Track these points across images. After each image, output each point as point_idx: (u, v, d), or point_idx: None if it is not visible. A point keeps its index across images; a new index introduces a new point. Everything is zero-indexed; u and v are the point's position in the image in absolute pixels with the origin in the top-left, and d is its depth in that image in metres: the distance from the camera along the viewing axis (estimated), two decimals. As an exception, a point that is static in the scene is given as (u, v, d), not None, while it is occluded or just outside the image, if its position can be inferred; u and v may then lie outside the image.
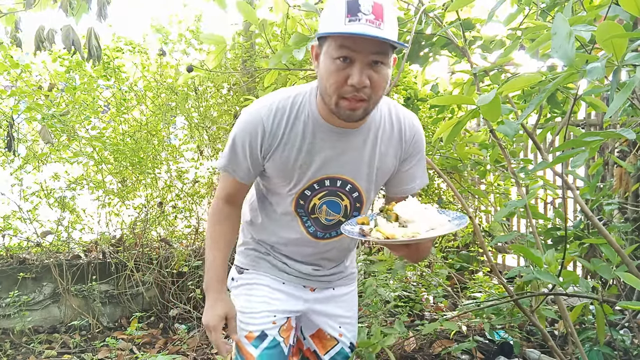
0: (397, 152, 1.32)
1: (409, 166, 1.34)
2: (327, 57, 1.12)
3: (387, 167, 1.32)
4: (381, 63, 1.10)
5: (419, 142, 1.34)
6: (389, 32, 1.07)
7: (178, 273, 3.39)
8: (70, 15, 2.37)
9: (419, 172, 1.37)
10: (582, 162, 1.15)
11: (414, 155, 1.34)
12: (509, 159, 1.88)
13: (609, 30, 0.90)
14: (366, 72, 1.09)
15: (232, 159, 1.32)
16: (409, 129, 1.32)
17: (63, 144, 3.23)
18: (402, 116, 1.33)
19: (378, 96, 1.15)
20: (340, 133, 1.26)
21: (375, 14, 1.06)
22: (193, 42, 3.37)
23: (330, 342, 1.49)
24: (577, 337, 1.74)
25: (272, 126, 1.25)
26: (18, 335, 3.06)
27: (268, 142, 1.26)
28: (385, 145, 1.30)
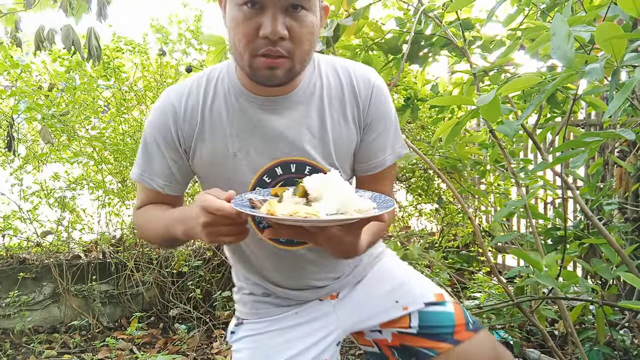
0: (353, 116, 1.05)
1: (375, 134, 1.07)
2: (232, 4, 0.89)
3: (346, 137, 1.06)
4: (302, 7, 0.87)
5: (381, 101, 1.06)
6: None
7: (178, 273, 3.39)
8: (70, 15, 2.37)
9: (388, 141, 1.09)
10: (582, 163, 1.15)
11: (379, 120, 1.07)
12: (508, 159, 1.88)
13: (608, 30, 0.90)
14: (282, 19, 0.86)
15: (146, 164, 1.06)
16: (363, 86, 1.05)
17: (63, 144, 3.23)
18: (353, 71, 1.06)
19: (303, 51, 0.91)
20: (273, 103, 1.01)
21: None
22: (193, 42, 3.37)
23: (403, 321, 1.20)
24: (577, 337, 1.74)
25: (184, 110, 1.02)
26: (18, 335, 3.07)
27: (184, 130, 1.02)
28: (337, 110, 1.04)
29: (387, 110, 1.09)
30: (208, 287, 3.45)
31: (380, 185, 1.11)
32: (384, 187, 1.12)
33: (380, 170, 1.10)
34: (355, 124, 1.06)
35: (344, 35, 2.09)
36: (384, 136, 1.09)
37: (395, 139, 1.11)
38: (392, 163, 1.11)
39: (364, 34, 2.32)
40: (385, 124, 1.09)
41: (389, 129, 1.09)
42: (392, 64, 2.29)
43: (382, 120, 1.08)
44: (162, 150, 1.05)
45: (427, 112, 3.69)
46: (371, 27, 2.23)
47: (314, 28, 0.91)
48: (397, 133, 1.12)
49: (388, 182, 1.15)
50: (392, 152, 1.10)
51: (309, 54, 0.94)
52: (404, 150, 1.13)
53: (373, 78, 1.07)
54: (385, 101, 1.08)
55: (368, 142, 1.08)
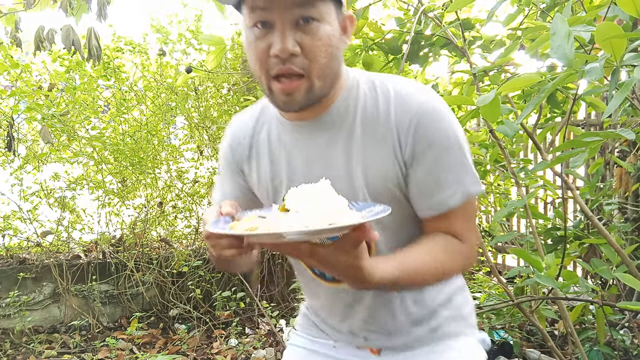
0: (391, 145, 0.88)
1: (424, 167, 0.88)
2: (245, 27, 0.85)
3: (380, 169, 0.89)
4: (312, 19, 0.80)
5: (429, 127, 0.86)
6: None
7: (178, 273, 3.39)
8: (70, 15, 2.37)
9: (447, 176, 0.88)
10: (582, 162, 1.15)
11: (426, 151, 0.87)
12: (508, 159, 1.88)
13: (608, 30, 0.90)
14: (292, 35, 0.80)
15: (220, 187, 1.09)
16: (401, 113, 0.88)
17: (63, 144, 3.23)
18: (394, 90, 0.90)
19: (320, 66, 0.83)
20: (301, 128, 0.94)
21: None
22: (193, 42, 3.37)
23: None
24: (577, 337, 1.74)
25: (239, 135, 1.04)
26: (18, 335, 3.07)
27: (238, 154, 1.04)
28: (371, 137, 0.90)
29: (441, 138, 0.87)
30: (208, 287, 3.45)
31: (445, 223, 0.91)
32: (451, 225, 0.92)
33: (444, 211, 0.89)
34: (395, 154, 0.89)
35: (344, 35, 2.09)
36: (439, 171, 0.88)
37: (461, 172, 0.89)
38: (458, 203, 0.88)
39: (364, 34, 2.32)
40: (438, 156, 0.87)
41: (447, 161, 0.88)
42: (392, 64, 2.29)
43: (431, 150, 0.87)
44: (228, 173, 1.07)
45: (427, 112, 3.68)
46: (371, 27, 2.23)
47: (331, 40, 0.83)
48: (464, 166, 0.89)
49: (458, 220, 0.92)
50: (457, 191, 0.88)
51: (329, 68, 0.85)
52: (477, 187, 0.90)
53: (418, 99, 0.88)
54: (437, 127, 0.87)
55: (418, 178, 0.89)
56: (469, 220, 0.93)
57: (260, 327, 3.25)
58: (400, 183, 0.90)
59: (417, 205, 0.92)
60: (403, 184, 0.90)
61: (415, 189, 0.90)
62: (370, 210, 0.78)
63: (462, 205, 0.90)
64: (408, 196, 0.92)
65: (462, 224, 0.92)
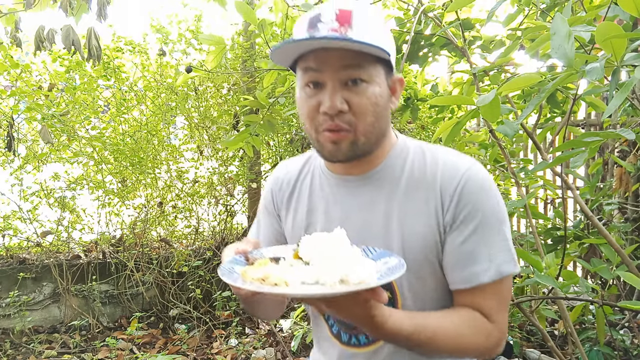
0: (434, 209, 0.90)
1: (463, 237, 0.88)
2: (298, 88, 0.92)
3: (419, 234, 0.90)
4: (360, 80, 0.85)
5: (471, 199, 0.88)
6: (360, 35, 0.83)
7: (178, 273, 3.39)
8: (70, 15, 2.36)
9: (483, 250, 0.88)
10: (582, 162, 1.15)
11: (466, 219, 0.88)
12: (508, 159, 1.88)
13: (608, 30, 0.90)
14: (340, 94, 0.85)
15: (257, 230, 1.13)
16: (449, 178, 0.90)
17: (63, 144, 3.23)
18: (442, 160, 0.93)
19: (366, 123, 0.87)
20: (346, 183, 0.98)
21: (340, 20, 0.84)
22: (193, 42, 3.37)
23: None
24: (577, 337, 1.74)
25: (283, 181, 1.08)
26: (18, 335, 3.07)
27: (278, 198, 1.08)
28: (414, 202, 0.91)
29: (483, 208, 0.89)
30: (208, 287, 3.45)
31: (475, 299, 0.90)
32: (481, 302, 0.90)
33: (475, 285, 0.88)
34: (437, 218, 0.90)
35: (344, 35, 2.09)
36: (476, 242, 0.88)
37: (498, 248, 0.89)
38: (489, 280, 0.87)
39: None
40: (477, 226, 0.88)
41: (485, 233, 0.88)
42: (392, 64, 2.29)
43: (471, 221, 0.88)
44: (265, 215, 1.11)
45: (427, 112, 3.69)
46: (371, 27, 2.22)
47: (377, 99, 0.87)
48: (502, 242, 0.89)
49: (489, 297, 0.90)
50: (491, 267, 0.88)
51: (375, 127, 0.89)
52: (510, 268, 0.89)
53: (464, 170, 0.90)
54: (479, 200, 0.89)
55: (454, 246, 0.89)
56: (501, 301, 0.91)
57: (260, 327, 3.25)
58: (437, 251, 0.91)
59: (449, 276, 0.91)
60: (440, 252, 0.91)
61: (449, 257, 0.90)
62: (386, 262, 0.77)
63: (494, 283, 0.89)
64: (442, 266, 0.92)
65: (493, 302, 0.90)
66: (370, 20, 0.86)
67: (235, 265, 0.79)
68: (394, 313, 0.81)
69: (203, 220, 3.68)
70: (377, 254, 0.82)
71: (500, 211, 0.91)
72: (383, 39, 0.87)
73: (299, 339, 2.74)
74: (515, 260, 0.91)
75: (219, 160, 3.61)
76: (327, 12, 0.85)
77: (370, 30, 0.85)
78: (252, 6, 2.23)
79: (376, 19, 0.88)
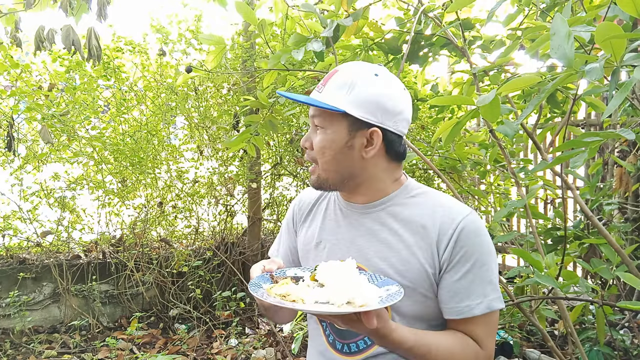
0: (428, 249, 1.02)
1: (458, 276, 1.01)
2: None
3: (415, 265, 1.02)
4: (319, 126, 1.06)
5: (466, 244, 1.00)
6: (326, 96, 1.03)
7: (178, 273, 3.39)
8: (70, 15, 2.36)
9: (476, 288, 1.00)
10: (582, 163, 1.15)
11: (461, 260, 1.00)
12: (508, 159, 1.88)
13: (608, 30, 0.90)
14: (311, 134, 1.08)
15: (277, 245, 1.31)
16: (448, 221, 1.02)
17: (63, 144, 3.23)
18: (443, 204, 1.06)
19: (323, 161, 1.05)
20: (352, 208, 1.13)
21: (324, 81, 1.06)
22: (193, 42, 3.37)
23: None
24: (577, 337, 1.74)
25: (305, 201, 1.26)
26: (18, 335, 3.07)
27: (298, 216, 1.26)
28: (411, 235, 1.04)
29: (479, 253, 1.01)
30: (208, 287, 3.45)
31: (468, 327, 1.02)
32: (473, 330, 1.02)
33: (468, 317, 1.01)
34: (432, 258, 1.02)
35: (344, 35, 2.09)
36: (470, 280, 1.00)
37: (488, 287, 1.01)
38: (480, 313, 1.00)
39: (363, 34, 2.32)
40: (472, 267, 1.00)
41: (477, 274, 1.01)
42: (392, 64, 2.29)
43: (466, 262, 1.00)
44: (286, 231, 1.28)
45: (427, 112, 3.69)
46: (371, 27, 2.23)
47: (327, 144, 1.04)
48: (491, 283, 1.02)
49: (480, 326, 1.02)
50: (483, 301, 1.00)
51: (331, 166, 1.05)
52: (499, 304, 1.02)
53: (462, 217, 1.02)
54: (476, 242, 1.01)
55: (449, 283, 1.01)
56: (490, 330, 1.04)
57: (260, 327, 3.25)
58: (431, 285, 1.03)
59: (444, 308, 1.04)
60: (434, 286, 1.03)
61: (444, 292, 1.02)
62: (388, 289, 0.92)
63: (484, 315, 1.01)
64: (437, 298, 1.04)
65: (484, 331, 1.03)
66: (342, 79, 1.03)
67: (262, 283, 0.96)
68: (399, 327, 0.93)
69: (203, 220, 3.68)
70: (382, 282, 0.97)
71: (491, 254, 1.04)
72: (347, 100, 1.01)
73: (299, 341, 2.74)
74: (501, 298, 1.04)
75: (219, 160, 3.61)
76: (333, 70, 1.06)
77: (336, 92, 1.02)
78: (252, 6, 2.23)
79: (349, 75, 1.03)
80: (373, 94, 1.02)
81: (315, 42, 1.84)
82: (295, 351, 2.78)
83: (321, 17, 1.94)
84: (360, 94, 1.01)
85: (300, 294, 0.90)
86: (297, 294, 0.89)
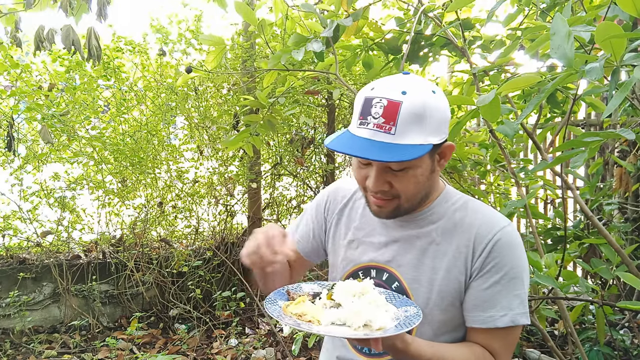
0: (462, 255, 1.02)
1: (487, 285, 1.00)
2: None
3: (446, 272, 1.02)
4: (402, 169, 0.95)
5: (499, 255, 0.99)
6: (403, 137, 0.89)
7: (178, 273, 3.39)
8: (70, 15, 2.36)
9: (502, 298, 0.99)
10: (582, 163, 1.15)
11: (492, 270, 0.99)
12: (508, 159, 1.88)
13: (607, 30, 0.90)
14: (384, 177, 0.97)
15: (299, 221, 1.28)
16: (485, 229, 1.01)
17: (63, 144, 3.23)
18: (482, 212, 1.04)
19: (409, 194, 0.99)
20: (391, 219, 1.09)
21: (386, 116, 0.90)
22: (193, 42, 3.37)
23: None
24: (577, 337, 1.74)
25: (340, 193, 1.20)
26: (18, 335, 3.07)
27: (331, 205, 1.20)
28: (447, 243, 1.04)
29: (511, 265, 1.00)
30: (208, 287, 3.45)
31: (487, 339, 1.02)
32: (492, 342, 1.02)
33: (491, 327, 0.99)
34: (464, 265, 1.02)
35: (344, 35, 2.09)
36: (498, 291, 0.99)
37: (515, 301, 1.00)
38: (503, 325, 0.99)
39: (363, 34, 2.32)
40: (501, 279, 0.99)
41: (506, 286, 0.99)
42: (392, 64, 2.29)
43: (497, 272, 0.99)
44: (311, 213, 1.24)
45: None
46: (371, 27, 2.23)
47: (418, 178, 0.97)
48: (519, 297, 1.00)
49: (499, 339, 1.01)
50: (506, 315, 0.99)
51: (418, 195, 1.00)
52: (525, 319, 1.00)
53: (500, 227, 1.01)
54: (510, 254, 1.00)
55: (477, 291, 1.01)
56: (509, 345, 1.04)
57: (260, 327, 3.25)
58: (459, 291, 1.02)
59: (468, 315, 1.03)
60: (462, 292, 1.03)
61: (471, 298, 1.02)
62: (406, 311, 0.93)
63: (507, 328, 1.00)
64: (462, 305, 1.04)
65: (502, 345, 1.02)
66: (415, 117, 0.90)
67: (279, 299, 0.98)
68: (416, 340, 0.95)
69: (203, 220, 3.68)
70: (400, 301, 0.98)
71: (524, 269, 1.02)
72: (427, 132, 0.92)
73: (300, 342, 2.74)
74: (527, 314, 1.01)
75: (219, 160, 3.61)
76: (378, 102, 0.91)
77: (412, 128, 0.90)
78: (252, 6, 2.24)
79: (419, 108, 0.91)
80: (441, 115, 0.95)
81: (315, 42, 1.84)
82: (295, 352, 2.78)
83: (321, 17, 1.94)
84: (434, 120, 0.93)
85: (316, 314, 0.89)
86: (314, 314, 0.89)
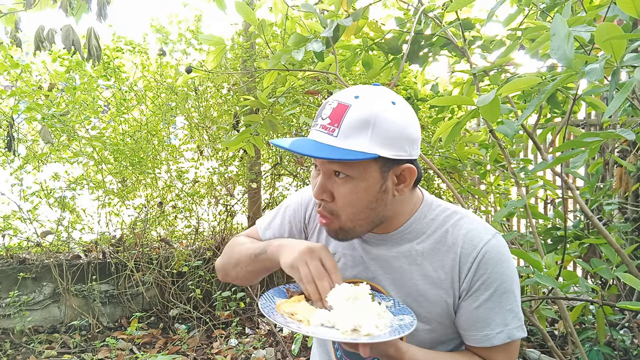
0: (448, 276, 0.97)
1: (478, 304, 0.95)
2: None
3: (432, 293, 0.98)
4: (344, 174, 0.89)
5: (486, 270, 0.94)
6: (345, 141, 0.85)
7: (178, 273, 3.39)
8: (70, 15, 2.36)
9: (496, 316, 0.95)
10: (582, 163, 1.15)
11: (481, 288, 0.95)
12: (508, 159, 1.88)
13: (608, 31, 0.90)
14: (328, 183, 0.92)
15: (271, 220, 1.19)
16: (469, 246, 0.96)
17: (63, 144, 3.23)
18: (465, 228, 0.98)
19: (350, 212, 0.92)
20: (368, 236, 1.05)
21: (332, 118, 0.87)
22: (193, 42, 3.37)
23: None
24: (577, 337, 1.74)
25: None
26: (18, 335, 3.07)
27: (314, 214, 1.12)
28: (430, 262, 0.98)
29: (500, 281, 0.95)
30: (208, 287, 3.45)
31: (486, 354, 0.99)
32: (491, 357, 0.99)
33: (487, 346, 0.97)
34: (451, 285, 0.97)
35: (344, 35, 2.09)
36: (490, 308, 0.95)
37: (509, 316, 0.96)
38: (501, 342, 0.95)
39: (363, 34, 2.32)
40: (491, 296, 0.95)
41: (498, 302, 0.95)
42: (392, 64, 2.29)
43: (487, 289, 0.95)
44: (290, 213, 1.16)
45: (427, 112, 3.69)
46: (371, 27, 2.23)
47: (360, 192, 0.90)
48: (512, 311, 0.96)
49: (499, 355, 0.98)
50: (503, 331, 0.95)
51: (361, 215, 0.93)
52: (521, 333, 0.97)
53: (485, 242, 0.95)
54: (497, 270, 0.95)
55: (468, 311, 0.97)
56: (511, 356, 1.00)
57: (260, 327, 3.25)
58: (450, 315, 0.99)
59: (463, 332, 1.00)
60: (452, 313, 0.99)
61: (464, 319, 0.98)
62: (401, 319, 0.91)
63: (505, 345, 0.97)
64: (455, 324, 1.00)
65: (503, 357, 0.99)
66: (362, 122, 0.86)
67: (276, 297, 0.97)
68: (411, 348, 0.93)
69: (203, 220, 3.68)
70: (398, 309, 0.95)
71: (513, 281, 0.97)
72: (374, 141, 0.86)
73: (300, 341, 2.74)
74: (523, 327, 0.98)
75: (219, 160, 3.61)
76: (329, 104, 0.89)
77: (357, 133, 0.86)
78: (252, 6, 2.23)
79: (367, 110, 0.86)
80: (398, 127, 0.88)
81: (315, 42, 1.84)
82: (295, 352, 2.78)
83: (321, 17, 1.94)
84: (383, 131, 0.86)
85: (307, 314, 0.88)
86: (305, 314, 0.88)
